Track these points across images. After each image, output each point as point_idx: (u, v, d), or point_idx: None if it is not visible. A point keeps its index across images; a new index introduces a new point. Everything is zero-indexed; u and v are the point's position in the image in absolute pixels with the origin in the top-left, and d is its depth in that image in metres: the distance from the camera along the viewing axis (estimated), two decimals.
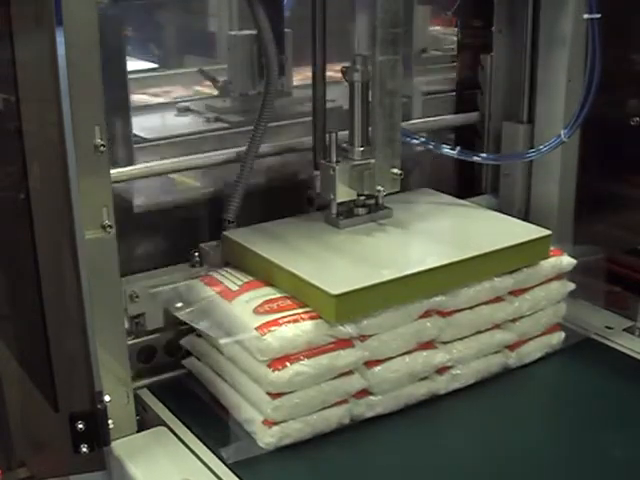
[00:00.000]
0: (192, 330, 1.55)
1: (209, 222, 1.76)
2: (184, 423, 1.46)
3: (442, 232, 1.65)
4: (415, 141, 1.80)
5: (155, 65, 1.70)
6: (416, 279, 1.45)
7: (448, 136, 2.01)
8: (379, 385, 1.44)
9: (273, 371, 1.35)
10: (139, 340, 1.59)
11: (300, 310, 1.41)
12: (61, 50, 1.17)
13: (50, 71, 1.17)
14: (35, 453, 1.34)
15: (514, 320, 1.58)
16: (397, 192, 1.64)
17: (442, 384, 1.52)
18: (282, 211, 1.70)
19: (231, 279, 1.54)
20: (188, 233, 1.74)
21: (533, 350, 1.63)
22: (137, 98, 1.87)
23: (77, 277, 1.25)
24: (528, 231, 1.63)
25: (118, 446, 1.39)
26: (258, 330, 1.37)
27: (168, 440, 1.43)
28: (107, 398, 1.30)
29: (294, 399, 1.37)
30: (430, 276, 1.46)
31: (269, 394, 1.37)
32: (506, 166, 1.95)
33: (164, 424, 1.47)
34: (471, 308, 1.52)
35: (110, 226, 1.34)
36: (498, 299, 1.56)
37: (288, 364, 1.36)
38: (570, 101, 1.76)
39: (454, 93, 2.06)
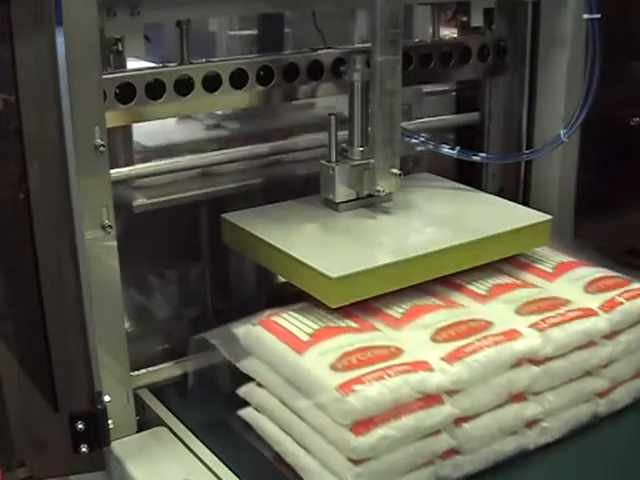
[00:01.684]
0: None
1: None
2: (184, 423, 1.46)
3: (442, 216, 1.64)
4: (415, 141, 1.79)
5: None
6: (416, 262, 1.45)
7: (448, 136, 2.01)
8: (468, 444, 1.31)
9: (356, 436, 1.20)
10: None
11: (383, 364, 1.26)
12: (61, 50, 1.17)
13: (50, 71, 1.17)
14: (35, 453, 1.34)
15: (605, 365, 1.46)
16: None
17: (532, 438, 1.39)
18: None
19: (298, 325, 1.39)
20: None
21: (623, 395, 1.51)
22: None
23: (77, 277, 1.25)
24: (528, 216, 1.63)
25: (118, 446, 1.39)
26: (339, 390, 1.22)
27: (168, 440, 1.43)
28: (107, 398, 1.30)
29: (378, 465, 1.24)
30: (430, 259, 1.46)
31: (350, 460, 1.23)
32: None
33: (164, 424, 1.47)
34: (564, 355, 1.41)
35: (110, 226, 1.34)
36: (591, 343, 1.44)
37: (373, 428, 1.21)
38: (570, 101, 1.76)
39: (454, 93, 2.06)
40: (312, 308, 1.42)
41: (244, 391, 1.43)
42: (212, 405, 1.50)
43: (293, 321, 1.39)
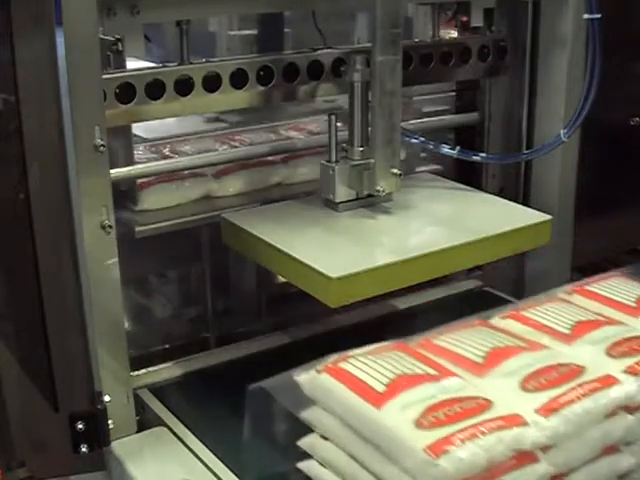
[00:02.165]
0: None
1: None
2: (184, 423, 1.46)
3: (442, 216, 1.65)
4: (415, 141, 1.79)
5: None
6: (416, 262, 1.45)
7: (448, 136, 2.02)
8: None
9: None
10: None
11: (474, 420, 1.13)
12: (61, 50, 1.17)
13: (50, 71, 1.17)
14: (35, 453, 1.34)
15: None
16: None
17: None
18: None
19: (370, 373, 1.23)
20: None
21: None
22: None
23: (77, 277, 1.25)
24: (528, 216, 1.64)
25: (118, 446, 1.39)
26: (427, 451, 1.08)
27: (168, 440, 1.43)
28: (107, 398, 1.30)
29: None
30: (430, 259, 1.46)
31: None
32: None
33: (164, 424, 1.47)
34: None
35: (110, 226, 1.34)
36: None
37: None
38: (570, 101, 1.76)
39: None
40: (382, 352, 1.30)
41: (306, 443, 1.28)
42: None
43: (364, 367, 1.24)
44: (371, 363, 1.25)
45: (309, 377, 1.27)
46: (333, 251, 1.49)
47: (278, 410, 1.33)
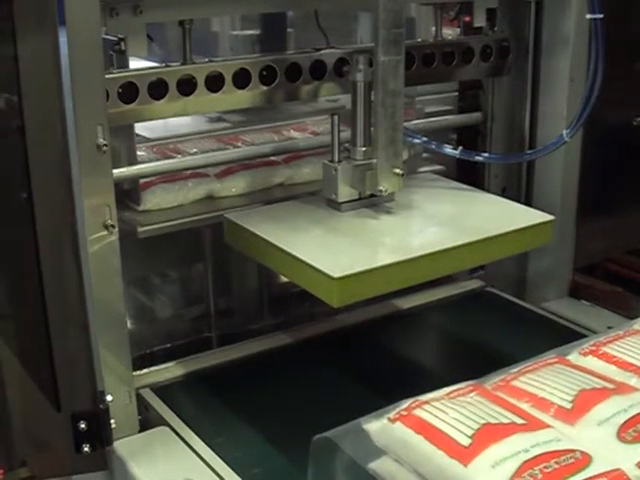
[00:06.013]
0: None
1: None
2: (186, 423, 1.46)
3: (444, 216, 1.64)
4: (417, 141, 1.79)
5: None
6: (418, 262, 1.45)
7: (451, 136, 2.01)
8: None
9: None
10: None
11: (576, 478, 1.03)
12: (63, 49, 1.17)
13: (52, 70, 1.17)
14: (37, 453, 1.34)
15: None
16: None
17: None
18: None
19: (450, 422, 1.10)
20: None
21: None
22: None
23: (79, 277, 1.25)
24: (531, 216, 1.63)
25: (120, 446, 1.39)
26: None
27: (170, 440, 1.43)
28: (109, 398, 1.31)
29: None
30: (432, 259, 1.46)
31: None
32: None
33: (166, 424, 1.47)
34: None
35: (112, 226, 1.34)
36: None
37: None
38: (572, 101, 1.76)
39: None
40: (459, 396, 1.18)
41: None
42: None
43: (442, 416, 1.11)
44: (449, 410, 1.12)
45: (380, 426, 1.14)
46: (335, 251, 1.49)
47: (344, 461, 1.16)
